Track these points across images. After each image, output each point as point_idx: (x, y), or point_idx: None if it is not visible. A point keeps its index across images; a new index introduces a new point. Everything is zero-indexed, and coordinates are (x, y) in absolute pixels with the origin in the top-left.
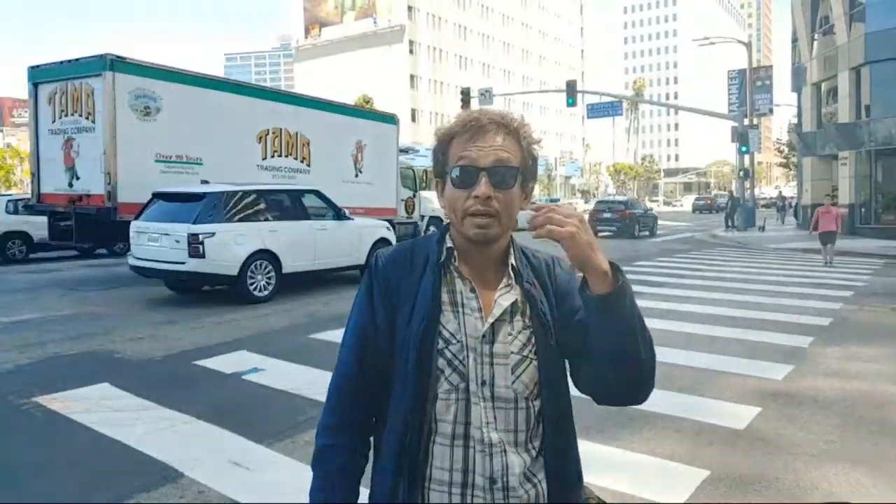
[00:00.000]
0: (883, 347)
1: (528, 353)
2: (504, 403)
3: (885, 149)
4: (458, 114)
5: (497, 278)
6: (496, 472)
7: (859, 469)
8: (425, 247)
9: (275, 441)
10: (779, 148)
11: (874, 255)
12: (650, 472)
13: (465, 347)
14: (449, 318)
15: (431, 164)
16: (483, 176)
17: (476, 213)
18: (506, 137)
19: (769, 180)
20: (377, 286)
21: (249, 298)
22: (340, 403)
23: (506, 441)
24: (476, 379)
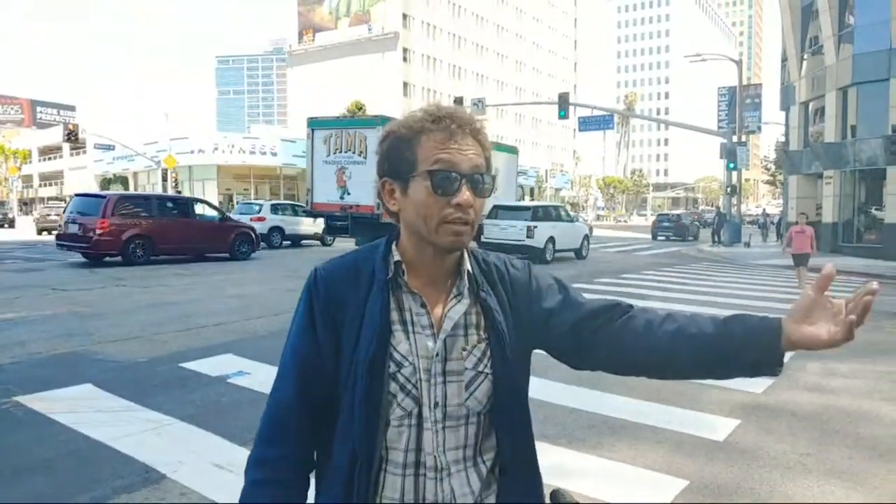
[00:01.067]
0: (861, 364)
1: (484, 367)
2: (454, 421)
3: (869, 169)
4: (420, 108)
5: (447, 288)
6: (446, 495)
7: (833, 482)
8: (370, 260)
9: None
10: (766, 165)
11: (856, 274)
12: (630, 481)
13: (417, 370)
14: (400, 338)
15: (378, 163)
16: (465, 182)
17: (455, 220)
18: (475, 141)
19: (756, 197)
20: (318, 306)
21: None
22: (278, 436)
23: (452, 460)
24: (429, 402)
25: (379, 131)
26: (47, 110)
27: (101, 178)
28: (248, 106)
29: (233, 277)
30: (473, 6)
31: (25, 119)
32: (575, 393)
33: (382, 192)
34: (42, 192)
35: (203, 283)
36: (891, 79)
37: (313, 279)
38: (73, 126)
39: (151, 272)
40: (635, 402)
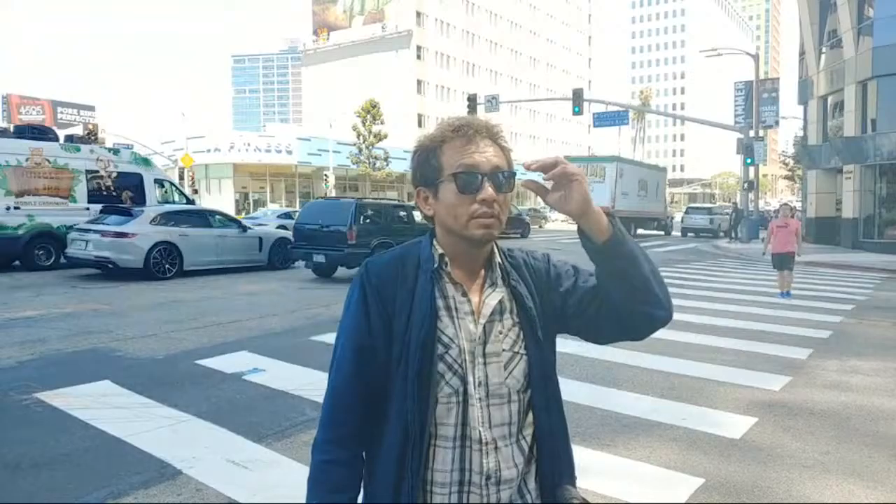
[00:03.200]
0: (881, 361)
1: (519, 349)
2: (498, 399)
3: (891, 163)
4: (441, 122)
5: (482, 278)
6: (491, 468)
7: (852, 481)
8: (414, 254)
9: (274, 441)
10: (784, 160)
11: (876, 270)
12: (645, 479)
13: (462, 351)
14: (446, 323)
15: (412, 175)
16: (486, 180)
17: (482, 215)
18: (493, 144)
19: (774, 192)
20: (371, 296)
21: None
22: (340, 418)
23: (499, 436)
24: (474, 381)
25: (614, 165)
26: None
27: None
28: (263, 105)
29: (247, 276)
30: (487, 3)
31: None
32: (589, 390)
33: (418, 200)
34: None
35: (218, 282)
36: None
37: (365, 271)
38: (92, 126)
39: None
40: (650, 400)
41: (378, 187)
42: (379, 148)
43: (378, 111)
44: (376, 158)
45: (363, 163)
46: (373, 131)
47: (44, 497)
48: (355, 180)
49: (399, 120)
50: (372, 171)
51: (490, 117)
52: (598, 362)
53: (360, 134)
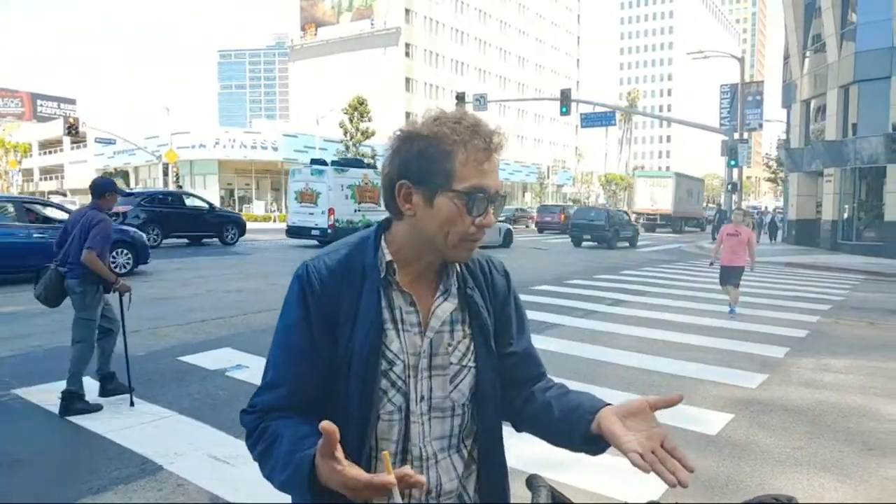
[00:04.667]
0: (854, 360)
1: (468, 361)
2: (440, 413)
3: (870, 167)
4: (453, 115)
5: (434, 284)
6: (432, 483)
7: (823, 475)
8: (360, 255)
9: None
10: (767, 163)
11: (854, 271)
12: (622, 473)
13: (406, 367)
14: (392, 337)
15: (400, 163)
16: (491, 205)
17: (473, 238)
18: (496, 157)
19: (757, 195)
20: (312, 300)
21: None
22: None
23: (438, 448)
24: (416, 397)
25: (674, 178)
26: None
27: (103, 171)
28: (249, 100)
29: (233, 272)
30: (476, 2)
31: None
32: (571, 387)
33: (397, 195)
34: (42, 185)
35: (203, 279)
36: (892, 77)
37: (305, 274)
38: (73, 119)
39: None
40: (628, 396)
41: None
42: (366, 145)
43: (366, 108)
44: (364, 156)
45: None
46: (360, 128)
47: (20, 497)
48: None
49: (387, 117)
50: None
51: (478, 116)
52: (579, 360)
53: (348, 131)
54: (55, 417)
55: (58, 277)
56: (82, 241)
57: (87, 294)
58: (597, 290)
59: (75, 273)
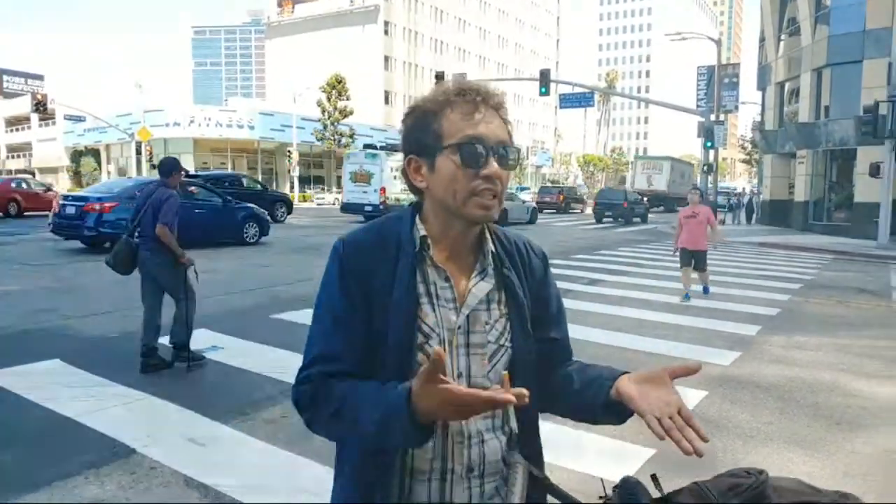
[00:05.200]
0: (823, 337)
1: (505, 341)
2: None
3: (840, 149)
4: (441, 84)
5: (470, 263)
6: (473, 461)
7: (792, 449)
8: (395, 231)
9: (233, 419)
10: (742, 144)
11: (824, 251)
12: (601, 450)
13: (443, 341)
14: (427, 311)
15: (403, 139)
16: (492, 155)
17: (484, 192)
18: (497, 115)
19: (733, 176)
20: (350, 274)
21: None
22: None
23: (483, 428)
24: (452, 372)
25: (669, 162)
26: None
27: (72, 150)
28: (225, 78)
29: (207, 252)
30: None
31: None
32: None
33: (408, 170)
34: (10, 164)
35: None
36: (864, 60)
37: (342, 248)
38: (41, 96)
39: None
40: None
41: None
42: (344, 124)
43: (344, 87)
44: (342, 135)
45: (328, 139)
46: (338, 107)
47: None
48: (320, 157)
49: (365, 96)
50: (337, 148)
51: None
52: None
53: (325, 110)
54: (24, 401)
55: (128, 247)
56: (154, 216)
57: (162, 263)
58: (574, 270)
59: (148, 245)
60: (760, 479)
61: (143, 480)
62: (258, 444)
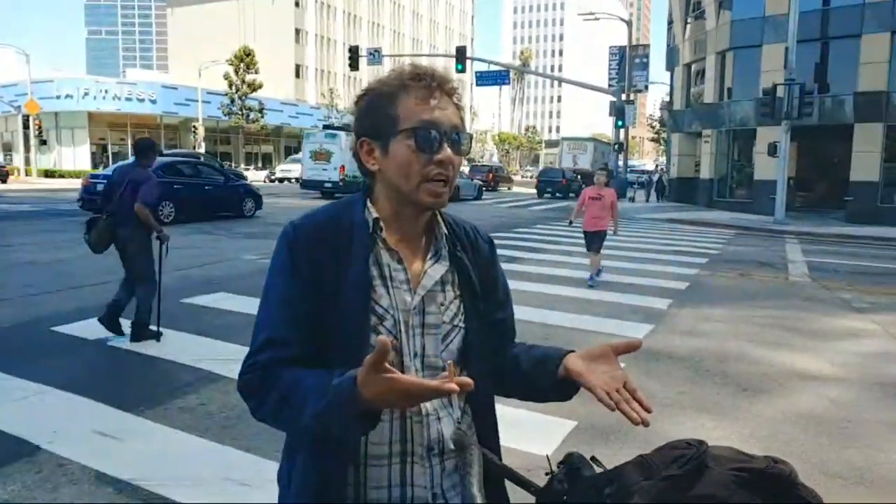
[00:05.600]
0: (729, 309)
1: (459, 322)
2: (433, 370)
3: (742, 129)
4: (395, 68)
5: (422, 247)
6: (433, 440)
7: (704, 415)
8: (347, 215)
9: (147, 409)
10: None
11: (728, 226)
12: (525, 426)
13: (398, 322)
14: (381, 293)
15: (356, 121)
16: (446, 140)
17: (436, 178)
18: (451, 100)
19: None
20: (301, 259)
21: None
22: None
23: (439, 406)
24: (409, 352)
25: (592, 143)
26: None
27: None
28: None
29: None
30: None
31: None
32: None
33: (360, 153)
34: None
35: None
36: (763, 45)
37: (292, 232)
38: None
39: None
40: None
41: (252, 141)
42: (253, 99)
43: (253, 59)
44: (250, 110)
45: (236, 114)
46: (247, 81)
47: None
48: (227, 133)
49: (275, 70)
50: (246, 124)
51: (373, 71)
52: None
53: (233, 83)
54: None
55: (107, 226)
56: (133, 195)
57: (139, 240)
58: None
59: (126, 223)
60: (701, 450)
61: (50, 479)
62: (175, 434)
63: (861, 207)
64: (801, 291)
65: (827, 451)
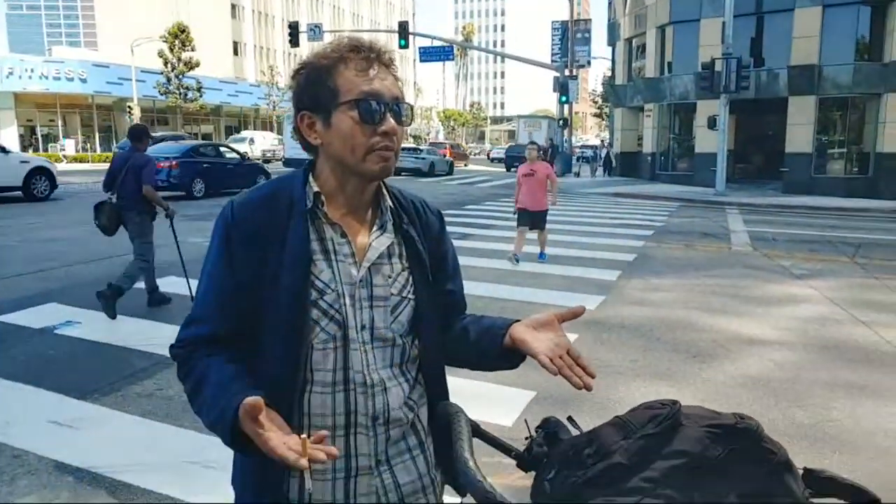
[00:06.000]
0: (676, 279)
1: (408, 293)
2: (382, 343)
3: (682, 103)
4: (331, 41)
5: (367, 220)
6: (378, 409)
7: (657, 381)
8: (286, 191)
9: (101, 396)
10: (594, 99)
11: (671, 199)
12: (486, 396)
13: (340, 295)
14: (321, 267)
15: (295, 95)
16: (388, 111)
17: (382, 148)
18: (389, 71)
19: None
20: (236, 238)
21: None
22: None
23: (386, 377)
24: (356, 325)
25: (546, 120)
26: None
27: None
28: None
29: (46, 220)
30: None
31: None
32: None
33: (301, 126)
34: None
35: (8, 228)
36: (701, 19)
37: (229, 211)
38: None
39: None
40: None
41: (191, 121)
42: (190, 77)
43: (188, 36)
44: (188, 89)
45: (173, 94)
46: (182, 58)
47: None
48: (164, 113)
49: (213, 47)
50: (184, 103)
51: (314, 48)
52: None
53: (168, 61)
54: None
55: (114, 210)
56: (136, 179)
57: (143, 222)
58: (451, 227)
59: (132, 206)
60: (675, 409)
61: (5, 471)
62: (134, 419)
63: (796, 178)
64: (744, 260)
65: (773, 411)
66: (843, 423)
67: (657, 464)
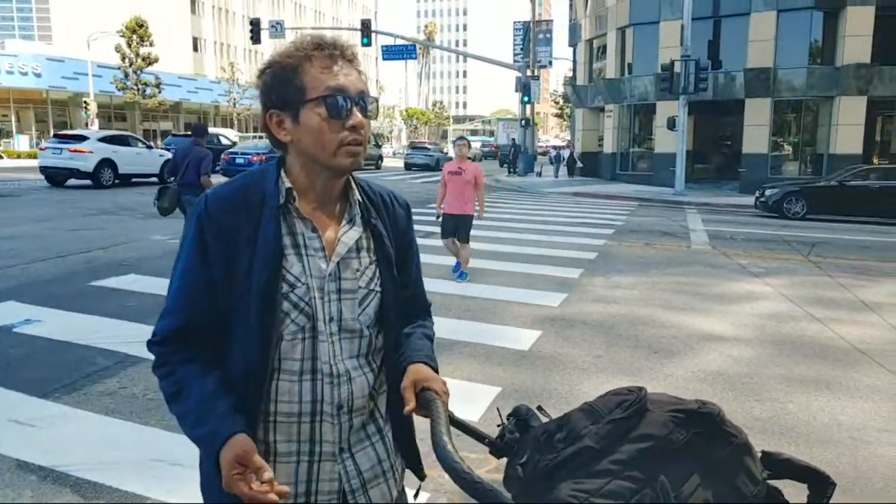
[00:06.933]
0: (637, 276)
1: (375, 286)
2: (350, 334)
3: (642, 104)
4: (294, 40)
5: (336, 214)
6: (343, 398)
7: (620, 376)
8: (259, 186)
9: (63, 395)
10: (555, 99)
11: (631, 198)
12: (453, 392)
13: (310, 289)
14: (292, 262)
15: (263, 94)
16: (355, 105)
17: (352, 142)
18: (353, 66)
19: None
20: (210, 232)
21: None
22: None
23: (351, 367)
24: (324, 317)
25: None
26: None
27: None
28: None
29: (4, 217)
30: None
31: None
32: None
33: (269, 125)
34: None
35: None
36: (661, 21)
37: (204, 206)
38: None
39: None
40: (451, 321)
41: (150, 117)
42: (149, 73)
43: (146, 31)
44: (146, 85)
45: (131, 89)
46: (141, 54)
47: None
48: (122, 109)
49: (172, 43)
50: (142, 99)
51: (275, 45)
52: None
53: (126, 56)
54: None
55: (175, 194)
56: (196, 169)
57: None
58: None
59: (192, 191)
60: (641, 395)
61: None
62: (98, 418)
63: (753, 178)
64: (703, 259)
65: (732, 404)
66: (799, 416)
67: (625, 447)
